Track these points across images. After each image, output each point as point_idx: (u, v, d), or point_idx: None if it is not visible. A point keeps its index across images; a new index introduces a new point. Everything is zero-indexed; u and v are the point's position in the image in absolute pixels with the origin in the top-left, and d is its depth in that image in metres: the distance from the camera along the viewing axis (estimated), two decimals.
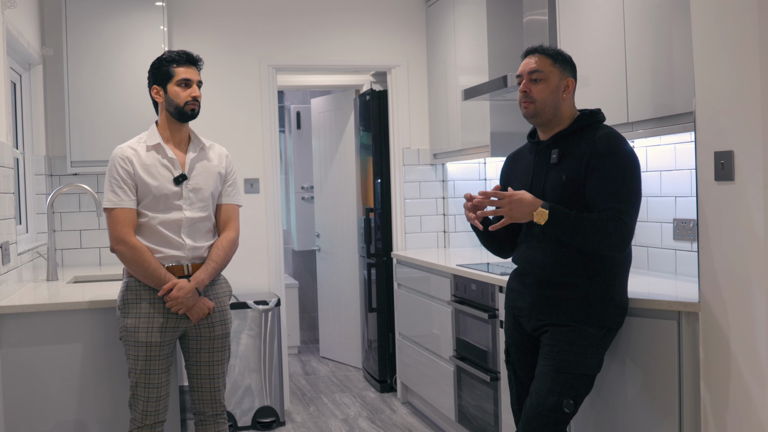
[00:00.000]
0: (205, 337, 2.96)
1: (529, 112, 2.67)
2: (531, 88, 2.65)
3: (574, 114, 2.70)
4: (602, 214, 2.50)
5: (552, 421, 2.56)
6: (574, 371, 2.56)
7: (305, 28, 5.09)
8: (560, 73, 2.66)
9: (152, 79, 2.98)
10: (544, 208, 2.52)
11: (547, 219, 2.51)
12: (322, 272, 6.55)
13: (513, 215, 2.56)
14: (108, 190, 2.88)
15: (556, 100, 2.65)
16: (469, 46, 4.57)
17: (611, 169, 2.53)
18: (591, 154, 2.56)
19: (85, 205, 4.62)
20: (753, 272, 2.39)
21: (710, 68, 2.52)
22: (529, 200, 2.55)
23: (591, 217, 2.51)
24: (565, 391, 2.55)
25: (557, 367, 2.57)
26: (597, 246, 2.53)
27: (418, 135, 5.28)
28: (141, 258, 2.83)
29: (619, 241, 2.51)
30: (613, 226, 2.48)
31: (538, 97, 2.64)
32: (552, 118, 2.67)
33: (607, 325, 2.62)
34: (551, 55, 2.67)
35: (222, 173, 3.04)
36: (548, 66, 2.65)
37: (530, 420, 2.60)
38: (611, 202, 2.51)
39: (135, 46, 4.37)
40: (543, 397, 2.57)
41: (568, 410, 2.56)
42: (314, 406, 5.08)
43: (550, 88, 2.64)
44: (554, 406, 2.55)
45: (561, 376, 2.56)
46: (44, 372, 3.06)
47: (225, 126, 4.92)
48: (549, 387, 2.56)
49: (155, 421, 2.89)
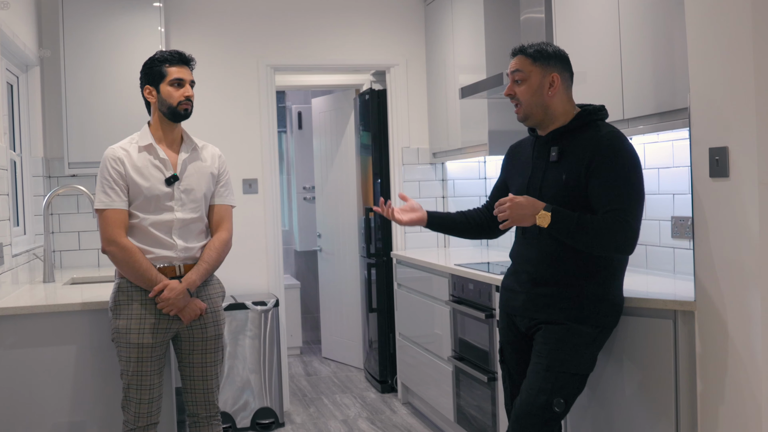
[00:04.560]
0: (197, 338, 2.94)
1: (520, 116, 2.67)
2: (515, 90, 2.64)
3: (570, 110, 2.65)
4: (606, 215, 2.47)
5: (542, 419, 2.53)
6: (566, 370, 2.54)
7: (303, 27, 5.08)
8: (542, 70, 2.61)
9: (144, 79, 2.97)
10: (546, 210, 2.49)
11: (550, 222, 2.48)
12: (323, 272, 6.53)
13: (514, 219, 2.53)
14: (99, 191, 2.87)
15: (542, 99, 2.61)
16: (467, 44, 4.55)
17: (614, 170, 2.49)
18: (592, 155, 2.52)
19: (83, 206, 4.61)
20: (749, 269, 2.36)
21: (704, 64, 2.49)
22: (531, 203, 2.51)
23: (595, 219, 2.47)
24: (556, 390, 2.52)
25: (549, 365, 2.54)
26: (601, 248, 2.50)
27: (417, 134, 5.26)
28: (132, 259, 2.81)
29: (624, 243, 2.48)
30: (616, 227, 2.45)
31: (522, 98, 2.63)
32: (544, 117, 2.64)
33: (601, 324, 2.59)
34: (530, 54, 2.62)
35: (215, 174, 3.02)
36: (528, 65, 2.62)
37: (519, 418, 2.57)
38: (615, 203, 2.47)
39: (132, 47, 4.36)
40: (533, 395, 2.54)
41: (558, 409, 2.52)
42: (314, 407, 5.06)
43: (532, 88, 2.61)
44: (545, 405, 2.52)
45: (552, 375, 2.53)
46: (39, 374, 3.05)
47: (223, 126, 4.91)
48: (540, 385, 2.54)
49: (148, 423, 2.88)
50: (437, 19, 5.00)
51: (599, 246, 2.49)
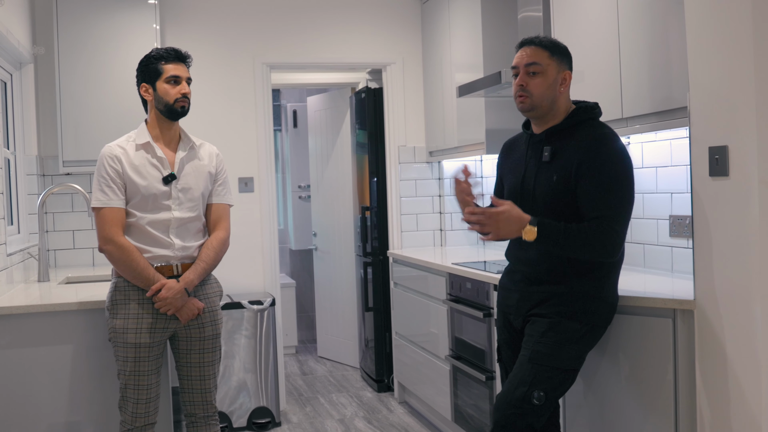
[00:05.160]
0: (195, 338, 2.93)
1: (525, 106, 2.61)
2: (528, 81, 2.58)
3: (569, 107, 2.64)
4: (591, 223, 2.47)
5: (520, 411, 2.50)
6: (548, 363, 2.51)
7: (300, 25, 5.06)
8: (558, 65, 2.59)
9: (141, 76, 2.95)
10: (532, 224, 2.47)
11: (536, 237, 2.46)
12: (319, 271, 6.52)
13: (500, 234, 2.50)
14: (96, 189, 2.85)
15: (554, 94, 2.59)
16: (464, 42, 4.54)
17: (601, 175, 2.48)
18: (582, 157, 2.51)
19: (78, 205, 4.58)
20: (748, 269, 2.35)
21: (704, 62, 2.49)
22: (516, 217, 2.48)
23: (580, 229, 2.46)
24: (536, 383, 2.50)
25: (530, 357, 2.53)
26: (588, 256, 2.51)
27: (413, 132, 5.25)
28: (129, 258, 2.79)
29: (610, 250, 2.49)
30: (603, 236, 2.46)
31: (535, 91, 2.57)
32: (548, 112, 2.61)
33: (591, 322, 2.57)
34: (548, 47, 2.58)
35: (212, 173, 3.00)
36: (545, 58, 2.57)
37: (498, 408, 2.55)
38: (600, 209, 2.47)
39: (127, 45, 4.33)
40: (514, 386, 2.52)
41: (538, 402, 2.49)
42: (311, 407, 5.05)
43: (547, 82, 2.57)
44: (523, 397, 2.49)
45: (534, 367, 2.51)
46: (35, 374, 3.03)
47: (219, 125, 4.89)
48: (521, 377, 2.52)
49: (145, 423, 2.86)
50: (434, 17, 4.98)
51: (586, 254, 2.50)
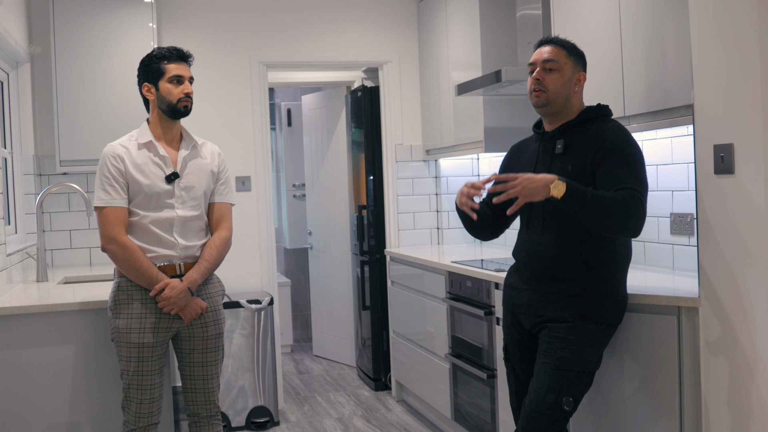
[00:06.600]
0: (198, 337, 2.92)
1: (541, 101, 2.65)
2: (544, 77, 2.64)
3: (582, 107, 2.70)
4: (620, 192, 2.43)
5: (552, 419, 2.54)
6: (573, 368, 2.54)
7: (296, 24, 5.05)
8: (574, 65, 2.66)
9: (143, 76, 2.93)
10: (561, 180, 2.42)
11: (565, 192, 2.41)
12: (314, 270, 6.51)
13: (526, 193, 2.44)
14: (99, 189, 2.83)
15: (568, 92, 2.65)
16: (461, 41, 4.54)
17: (625, 156, 2.51)
18: (599, 146, 2.54)
19: (75, 204, 4.56)
20: (753, 266, 2.36)
21: (709, 60, 2.49)
22: (539, 176, 2.44)
23: (609, 195, 2.43)
24: (564, 389, 2.52)
25: (556, 364, 2.54)
26: (612, 226, 2.45)
27: (410, 131, 5.25)
28: (132, 257, 2.78)
29: (635, 222, 2.45)
30: (631, 202, 2.42)
31: (551, 86, 2.63)
32: (562, 108, 2.66)
33: (606, 321, 2.59)
34: (567, 47, 2.67)
35: (215, 171, 2.99)
36: (563, 57, 2.65)
37: (530, 418, 2.57)
38: (627, 182, 2.46)
39: (124, 44, 4.31)
40: (542, 395, 2.54)
41: (567, 408, 2.53)
42: (308, 406, 5.04)
43: (563, 78, 2.63)
44: (554, 404, 2.52)
45: (560, 374, 2.53)
46: (35, 374, 3.01)
47: (215, 123, 4.87)
48: (548, 385, 2.53)
49: (148, 423, 2.85)
50: (431, 16, 4.98)
51: (610, 223, 2.44)
